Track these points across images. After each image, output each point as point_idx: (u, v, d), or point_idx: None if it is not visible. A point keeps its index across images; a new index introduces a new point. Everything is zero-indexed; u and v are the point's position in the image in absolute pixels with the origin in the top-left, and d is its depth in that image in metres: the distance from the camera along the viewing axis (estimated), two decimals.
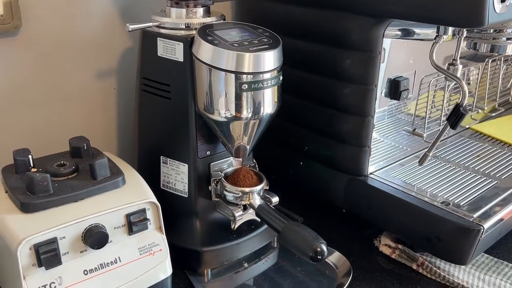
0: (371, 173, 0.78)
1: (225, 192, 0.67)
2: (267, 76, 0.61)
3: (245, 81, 0.60)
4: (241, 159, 0.69)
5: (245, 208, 0.67)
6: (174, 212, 0.69)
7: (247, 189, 0.66)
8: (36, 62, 0.75)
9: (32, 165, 0.60)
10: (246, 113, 0.62)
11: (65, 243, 0.53)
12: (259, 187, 0.67)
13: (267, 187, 0.69)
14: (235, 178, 0.68)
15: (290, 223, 0.60)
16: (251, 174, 0.69)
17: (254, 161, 0.75)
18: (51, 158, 0.62)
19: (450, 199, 0.73)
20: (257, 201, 0.66)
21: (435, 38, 0.66)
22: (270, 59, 0.60)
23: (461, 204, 0.72)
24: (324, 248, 0.56)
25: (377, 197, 0.74)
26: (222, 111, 0.62)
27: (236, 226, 0.67)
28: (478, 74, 0.91)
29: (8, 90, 0.73)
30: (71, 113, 0.81)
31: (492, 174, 0.82)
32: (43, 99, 0.77)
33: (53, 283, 0.52)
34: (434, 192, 0.75)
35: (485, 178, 0.80)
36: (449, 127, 0.68)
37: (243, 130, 0.64)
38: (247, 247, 0.71)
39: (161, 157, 0.71)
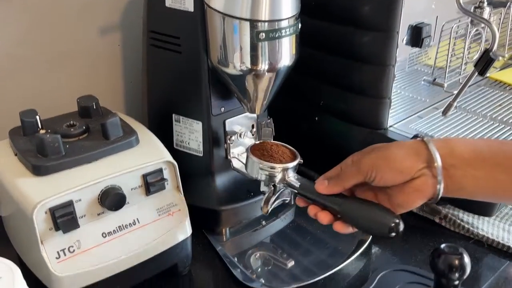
0: (390, 126, 0.75)
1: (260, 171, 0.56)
2: (284, 24, 0.57)
3: (261, 29, 0.56)
4: (255, 115, 0.66)
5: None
6: (189, 172, 0.67)
7: (279, 166, 0.55)
8: (36, 20, 0.70)
9: (40, 127, 0.57)
10: (262, 65, 0.58)
11: (81, 206, 0.51)
12: (295, 163, 0.56)
13: (302, 161, 0.58)
14: (262, 153, 0.57)
15: (348, 199, 0.51)
16: (280, 148, 0.58)
17: (270, 117, 0.72)
18: (59, 118, 0.59)
19: None
20: (294, 179, 0.54)
21: None
22: (287, 5, 0.56)
23: None
24: (401, 224, 0.46)
25: None
26: (237, 63, 0.58)
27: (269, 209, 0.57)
28: (500, 19, 0.86)
29: (7, 51, 0.70)
30: (75, 72, 0.77)
31: None
32: (44, 59, 0.73)
33: (72, 246, 0.50)
34: None
35: (508, 127, 0.78)
36: (476, 74, 0.65)
37: (260, 84, 0.61)
38: None
39: (173, 115, 0.68)
